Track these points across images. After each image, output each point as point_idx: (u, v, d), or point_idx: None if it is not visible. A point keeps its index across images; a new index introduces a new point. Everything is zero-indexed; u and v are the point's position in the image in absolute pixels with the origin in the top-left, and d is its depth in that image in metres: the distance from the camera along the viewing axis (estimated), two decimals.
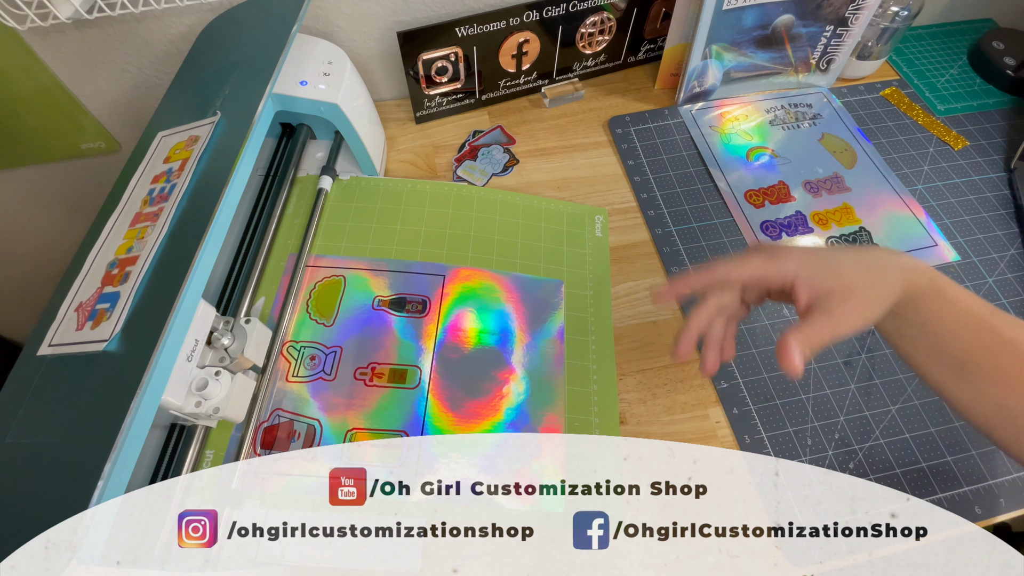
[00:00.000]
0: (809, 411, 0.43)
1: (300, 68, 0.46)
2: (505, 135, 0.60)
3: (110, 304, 0.33)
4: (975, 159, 0.58)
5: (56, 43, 0.51)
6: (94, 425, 0.29)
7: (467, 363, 0.43)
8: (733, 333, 0.32)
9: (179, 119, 0.43)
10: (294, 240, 0.48)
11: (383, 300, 0.46)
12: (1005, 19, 0.71)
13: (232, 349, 0.38)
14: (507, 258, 0.49)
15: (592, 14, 0.57)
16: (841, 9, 0.55)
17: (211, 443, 0.39)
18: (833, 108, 0.62)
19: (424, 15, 0.56)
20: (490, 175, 0.56)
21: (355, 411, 0.41)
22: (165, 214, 0.36)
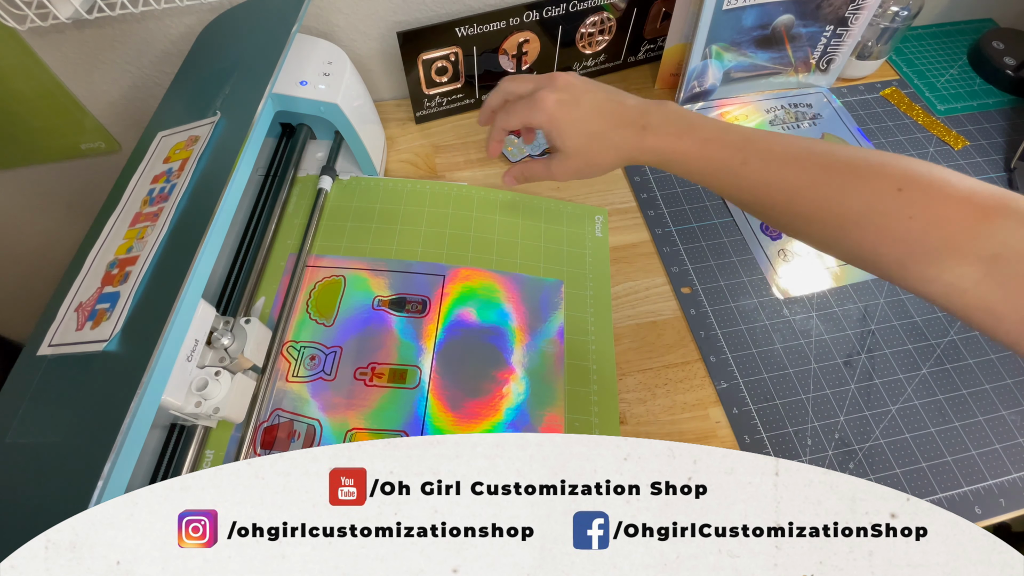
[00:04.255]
0: (809, 411, 0.43)
1: (300, 68, 0.46)
2: None
3: (110, 304, 0.33)
4: (975, 159, 0.58)
5: (56, 43, 0.51)
6: (94, 425, 0.29)
7: (467, 363, 0.43)
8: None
9: (179, 119, 0.43)
10: (294, 240, 0.48)
11: (383, 300, 0.46)
12: (1005, 19, 0.71)
13: (232, 349, 0.38)
14: (507, 258, 0.49)
15: (592, 14, 0.57)
16: (841, 9, 0.55)
17: (211, 443, 0.39)
18: (833, 108, 0.62)
19: (424, 15, 0.56)
20: (526, 155, 0.57)
21: (355, 411, 0.41)
22: (165, 214, 0.36)
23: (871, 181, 0.32)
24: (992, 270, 0.28)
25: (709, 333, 0.47)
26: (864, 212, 0.32)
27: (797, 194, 0.33)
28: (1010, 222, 0.28)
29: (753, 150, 0.34)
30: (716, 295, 0.49)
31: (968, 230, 0.29)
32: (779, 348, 0.46)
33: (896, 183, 0.31)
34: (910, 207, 0.30)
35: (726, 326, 0.47)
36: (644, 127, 0.36)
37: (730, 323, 0.47)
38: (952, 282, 0.29)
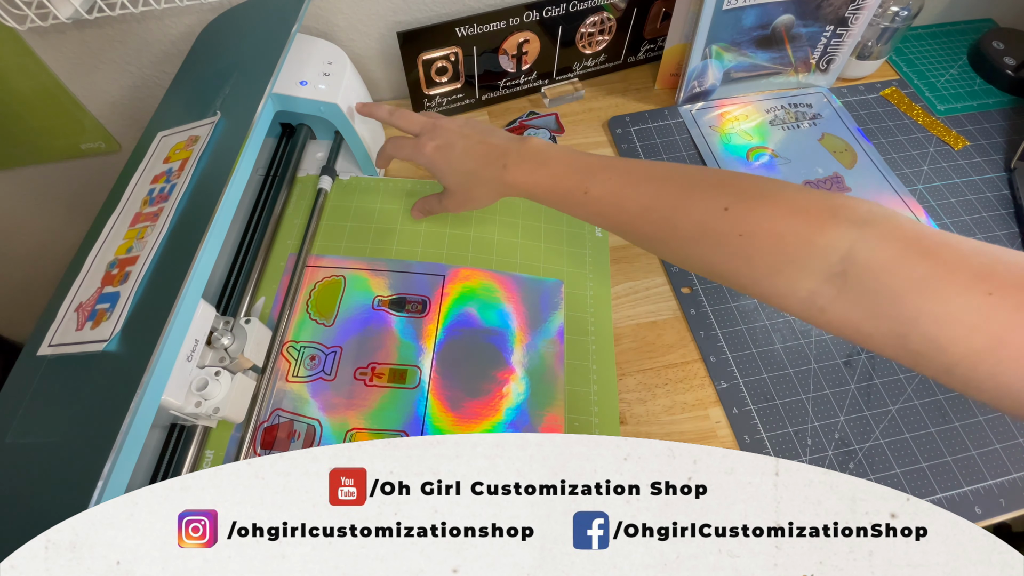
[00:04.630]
0: (809, 411, 0.43)
1: (300, 68, 0.46)
2: (557, 123, 0.61)
3: (110, 304, 0.33)
4: (975, 159, 0.58)
5: (56, 43, 0.51)
6: (94, 425, 0.29)
7: (467, 363, 0.43)
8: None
9: (179, 119, 0.43)
10: (294, 240, 0.48)
11: (383, 300, 0.46)
12: (1005, 19, 0.71)
13: (232, 349, 0.38)
14: (507, 258, 0.49)
15: (592, 14, 0.57)
16: (841, 9, 0.55)
17: (211, 443, 0.39)
18: (833, 108, 0.62)
19: (424, 15, 0.56)
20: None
21: (355, 411, 0.41)
22: (165, 214, 0.36)
23: (700, 202, 0.32)
24: (844, 289, 0.28)
25: (709, 333, 0.47)
26: (697, 232, 0.32)
27: (638, 217, 0.35)
28: (842, 229, 0.28)
29: (595, 180, 0.36)
30: (716, 295, 0.49)
31: (804, 245, 0.29)
32: (779, 348, 0.46)
33: (724, 202, 0.31)
34: (739, 225, 0.31)
35: (726, 326, 0.47)
36: (505, 166, 0.39)
37: (730, 323, 0.47)
38: (806, 299, 0.29)
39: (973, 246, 0.26)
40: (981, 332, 0.24)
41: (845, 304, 0.28)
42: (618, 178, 0.35)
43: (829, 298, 0.28)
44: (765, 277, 0.30)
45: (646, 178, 0.35)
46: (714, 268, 0.33)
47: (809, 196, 0.30)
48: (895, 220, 0.28)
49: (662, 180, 0.34)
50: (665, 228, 0.34)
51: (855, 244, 0.27)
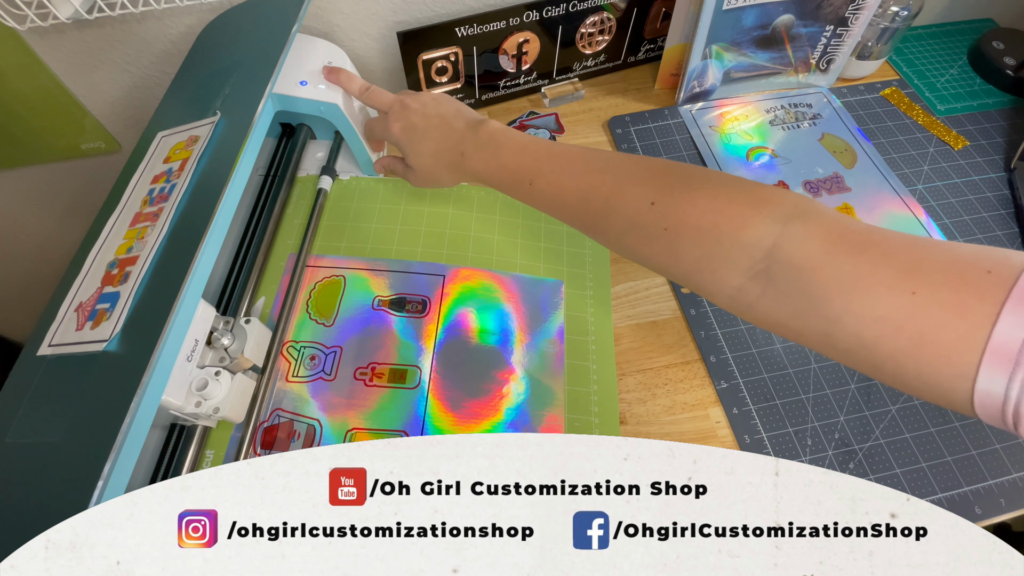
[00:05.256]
0: (809, 411, 0.43)
1: (300, 68, 0.46)
2: (557, 123, 0.61)
3: (110, 304, 0.33)
4: (975, 159, 0.58)
5: (56, 43, 0.51)
6: (94, 425, 0.29)
7: (467, 363, 0.43)
8: None
9: (179, 119, 0.43)
10: (294, 240, 0.48)
11: (383, 300, 0.46)
12: (1005, 19, 0.71)
13: (232, 349, 0.38)
14: (507, 258, 0.49)
15: (592, 14, 0.57)
16: (841, 9, 0.55)
17: (211, 443, 0.39)
18: (833, 108, 0.62)
19: (424, 15, 0.56)
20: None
21: (355, 411, 0.41)
22: (165, 214, 0.36)
23: (631, 196, 0.32)
24: (769, 286, 0.27)
25: (709, 333, 0.47)
26: (627, 226, 0.32)
27: (577, 208, 0.35)
28: (766, 225, 0.27)
29: (540, 171, 0.36)
30: None
31: (727, 240, 0.28)
32: (779, 348, 0.46)
33: (652, 196, 0.31)
34: (663, 219, 0.30)
35: (726, 326, 0.47)
36: (462, 153, 0.39)
37: (730, 323, 0.47)
38: (734, 295, 0.29)
39: (900, 241, 0.25)
40: (905, 332, 0.24)
41: (771, 302, 0.28)
42: (560, 170, 0.35)
43: (756, 295, 0.28)
44: (693, 272, 0.30)
45: (586, 170, 0.34)
46: (649, 262, 0.33)
47: (735, 189, 0.29)
48: (821, 215, 0.27)
49: (601, 172, 0.34)
50: (600, 221, 0.34)
51: (779, 240, 0.27)
